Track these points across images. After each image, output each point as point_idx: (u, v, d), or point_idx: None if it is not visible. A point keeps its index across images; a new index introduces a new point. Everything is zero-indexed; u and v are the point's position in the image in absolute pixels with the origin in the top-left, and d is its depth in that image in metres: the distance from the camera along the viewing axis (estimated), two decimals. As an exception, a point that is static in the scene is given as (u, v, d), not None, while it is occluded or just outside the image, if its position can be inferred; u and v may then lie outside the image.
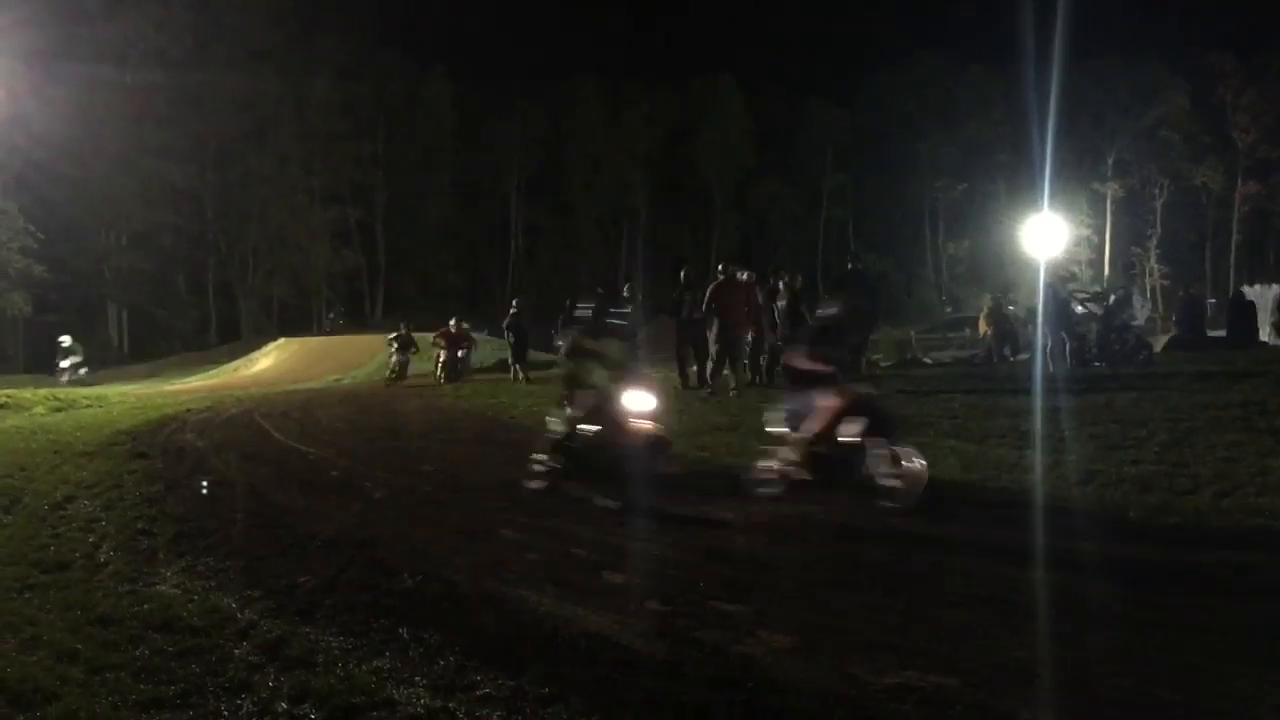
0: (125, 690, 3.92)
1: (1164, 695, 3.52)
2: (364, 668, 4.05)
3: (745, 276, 16.99)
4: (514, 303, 24.14)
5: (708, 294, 15.16)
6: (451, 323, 24.24)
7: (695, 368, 15.83)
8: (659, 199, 66.85)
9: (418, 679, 3.90)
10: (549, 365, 22.27)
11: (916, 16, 79.82)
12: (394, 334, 24.69)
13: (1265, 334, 22.85)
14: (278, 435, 12.74)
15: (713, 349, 15.17)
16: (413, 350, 23.95)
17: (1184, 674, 3.69)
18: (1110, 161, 60.31)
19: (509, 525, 6.69)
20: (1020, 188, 54.26)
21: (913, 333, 27.27)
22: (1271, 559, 5.19)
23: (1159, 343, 21.66)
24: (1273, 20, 59.30)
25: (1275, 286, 27.14)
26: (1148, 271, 60.09)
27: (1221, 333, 23.66)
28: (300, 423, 14.30)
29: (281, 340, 38.50)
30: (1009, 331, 20.45)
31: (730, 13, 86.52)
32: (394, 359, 23.79)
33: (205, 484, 8.77)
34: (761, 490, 7.11)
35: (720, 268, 15.75)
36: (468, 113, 63.01)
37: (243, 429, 13.73)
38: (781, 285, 15.87)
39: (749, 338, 15.72)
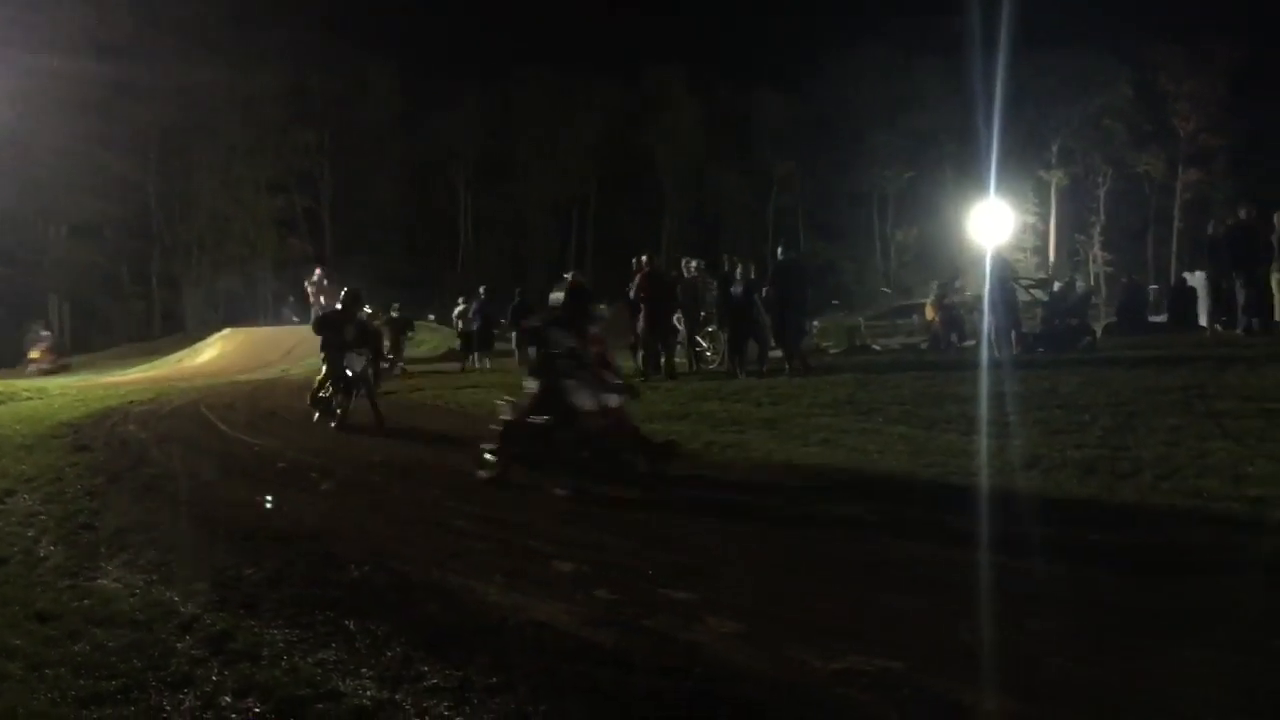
0: (65, 686, 3.85)
1: (1107, 676, 3.58)
2: (309, 660, 4.01)
3: (695, 266, 17.07)
4: (481, 290, 23.56)
5: (635, 285, 15.43)
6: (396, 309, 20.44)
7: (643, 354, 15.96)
8: (609, 187, 66.83)
9: (364, 670, 3.87)
10: (507, 354, 22.23)
11: (864, 6, 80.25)
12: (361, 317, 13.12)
13: (1204, 319, 23.26)
14: (223, 427, 12.58)
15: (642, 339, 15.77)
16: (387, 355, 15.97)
17: (1126, 655, 3.75)
18: (1055, 149, 61.04)
19: (458, 515, 6.66)
20: (967, 176, 54.64)
21: (861, 319, 27.38)
22: (1210, 540, 5.28)
23: (1100, 329, 21.95)
24: (1212, 10, 60.29)
25: (1215, 272, 27.56)
26: (1091, 258, 60.96)
27: (1163, 318, 24.08)
28: (246, 414, 14.13)
29: (227, 330, 37.91)
30: (956, 318, 20.62)
31: (679, 2, 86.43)
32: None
33: (148, 476, 8.64)
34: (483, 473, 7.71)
35: (645, 259, 16.00)
36: (415, 101, 62.49)
37: (187, 421, 13.54)
38: (737, 273, 15.94)
39: (680, 327, 16.47)
